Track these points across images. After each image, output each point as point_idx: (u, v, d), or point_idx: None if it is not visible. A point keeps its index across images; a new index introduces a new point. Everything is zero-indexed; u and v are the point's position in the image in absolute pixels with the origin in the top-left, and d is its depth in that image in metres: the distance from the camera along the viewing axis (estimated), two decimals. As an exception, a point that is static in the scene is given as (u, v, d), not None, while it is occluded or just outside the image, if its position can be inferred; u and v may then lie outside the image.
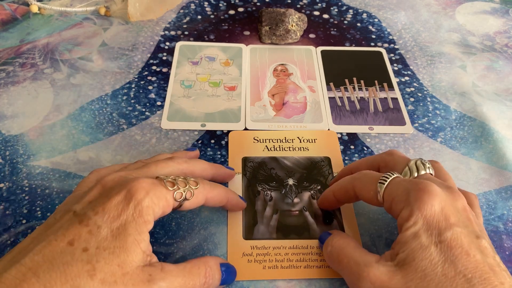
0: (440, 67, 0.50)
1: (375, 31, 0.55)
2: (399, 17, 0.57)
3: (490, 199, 0.38)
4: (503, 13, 0.59)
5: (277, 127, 0.43)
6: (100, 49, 0.50)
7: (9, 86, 0.46)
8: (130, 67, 0.48)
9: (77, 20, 0.54)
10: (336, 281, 0.32)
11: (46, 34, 0.52)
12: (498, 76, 0.50)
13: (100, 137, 0.41)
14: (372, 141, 0.42)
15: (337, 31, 0.55)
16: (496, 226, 0.36)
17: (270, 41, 0.52)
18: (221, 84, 0.47)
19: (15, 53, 0.49)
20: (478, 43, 0.54)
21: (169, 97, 0.45)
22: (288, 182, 0.38)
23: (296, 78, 0.48)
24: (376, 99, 0.46)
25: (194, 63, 0.49)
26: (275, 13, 0.52)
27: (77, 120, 0.43)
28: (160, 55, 0.50)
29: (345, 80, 0.48)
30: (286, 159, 0.40)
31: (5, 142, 0.40)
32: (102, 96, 0.45)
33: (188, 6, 0.57)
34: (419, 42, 0.54)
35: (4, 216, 0.35)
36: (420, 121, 0.44)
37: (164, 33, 0.53)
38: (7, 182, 0.37)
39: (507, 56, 0.52)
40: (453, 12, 0.59)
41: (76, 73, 0.47)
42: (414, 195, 0.27)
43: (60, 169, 0.38)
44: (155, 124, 0.43)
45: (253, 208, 0.36)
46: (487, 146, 0.42)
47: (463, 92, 0.48)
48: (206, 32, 0.54)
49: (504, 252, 0.35)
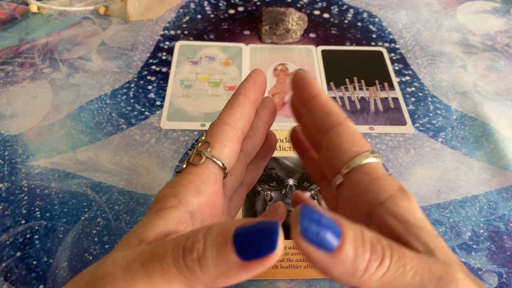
0: (441, 66, 0.50)
1: (375, 31, 0.55)
2: (400, 16, 0.57)
3: (491, 199, 0.38)
4: (504, 13, 0.58)
5: (277, 127, 0.43)
6: (100, 49, 0.50)
7: (8, 86, 0.45)
8: (130, 66, 0.48)
9: (76, 20, 0.54)
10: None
11: (45, 33, 0.52)
12: (499, 76, 0.49)
13: (100, 137, 0.41)
14: (373, 141, 0.42)
15: (338, 30, 0.55)
16: (497, 226, 0.36)
17: (270, 40, 0.52)
18: (221, 84, 0.47)
19: (14, 52, 0.49)
20: (479, 42, 0.54)
21: (169, 97, 0.45)
22: (288, 182, 0.38)
23: (296, 77, 0.48)
24: (376, 99, 0.46)
25: (194, 63, 0.49)
26: (275, 13, 0.52)
27: (76, 120, 0.43)
28: (160, 55, 0.50)
29: (345, 79, 0.48)
30: (287, 159, 0.40)
31: (4, 142, 0.40)
32: (102, 96, 0.45)
33: (188, 6, 0.57)
34: (420, 41, 0.53)
35: (3, 216, 0.35)
36: (421, 121, 0.44)
37: (163, 33, 0.53)
38: (6, 182, 0.37)
39: (508, 55, 0.52)
40: (454, 11, 0.58)
41: (75, 72, 0.47)
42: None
43: (59, 169, 0.38)
44: (155, 124, 0.42)
45: (253, 208, 0.36)
46: (488, 146, 0.42)
47: (464, 92, 0.47)
48: (206, 32, 0.53)
49: (505, 252, 0.34)
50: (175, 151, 0.40)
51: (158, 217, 0.21)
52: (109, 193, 0.37)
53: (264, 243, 0.16)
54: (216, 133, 0.24)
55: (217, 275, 0.17)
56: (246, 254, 0.16)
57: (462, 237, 0.35)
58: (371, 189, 0.21)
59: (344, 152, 0.22)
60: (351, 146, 0.22)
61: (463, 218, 0.37)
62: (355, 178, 0.22)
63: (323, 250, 0.16)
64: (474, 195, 0.38)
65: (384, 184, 0.21)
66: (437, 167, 0.40)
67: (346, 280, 0.17)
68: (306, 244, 0.16)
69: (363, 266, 0.17)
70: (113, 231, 0.35)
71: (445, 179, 0.39)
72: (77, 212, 0.36)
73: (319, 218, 0.17)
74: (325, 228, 0.17)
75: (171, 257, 0.17)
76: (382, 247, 0.17)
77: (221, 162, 0.24)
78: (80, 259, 0.33)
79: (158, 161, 0.39)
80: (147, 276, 0.17)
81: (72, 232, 0.34)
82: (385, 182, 0.21)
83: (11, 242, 0.34)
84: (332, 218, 0.17)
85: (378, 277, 0.17)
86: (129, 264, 0.18)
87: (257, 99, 0.26)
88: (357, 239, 0.17)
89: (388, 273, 0.17)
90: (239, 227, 0.17)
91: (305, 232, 0.16)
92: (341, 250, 0.17)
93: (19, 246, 0.33)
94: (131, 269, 0.17)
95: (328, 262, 0.17)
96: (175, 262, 0.17)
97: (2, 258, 0.33)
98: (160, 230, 0.20)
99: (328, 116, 0.23)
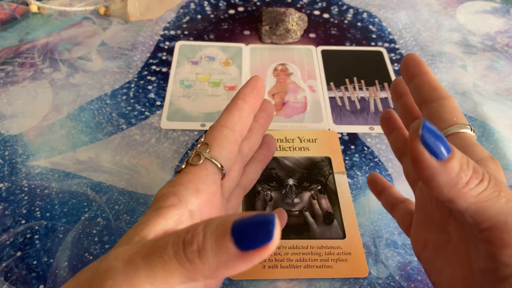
0: (440, 66, 0.50)
1: (375, 31, 0.55)
2: (400, 16, 0.57)
3: (491, 199, 0.38)
4: (504, 13, 0.58)
5: (277, 127, 0.43)
6: (100, 49, 0.50)
7: (8, 86, 0.45)
8: (130, 66, 0.48)
9: (77, 20, 0.54)
10: (337, 281, 0.32)
11: (45, 33, 0.52)
12: (499, 76, 0.50)
13: (100, 137, 0.41)
14: (373, 141, 0.42)
15: (338, 30, 0.55)
16: (497, 226, 0.36)
17: (270, 40, 0.52)
18: (221, 84, 0.47)
19: (14, 52, 0.49)
20: (479, 42, 0.54)
21: (169, 97, 0.45)
22: (288, 182, 0.38)
23: (296, 78, 0.48)
24: (376, 99, 0.46)
25: (194, 63, 0.49)
26: (275, 13, 0.52)
27: (77, 120, 0.43)
28: (160, 55, 0.50)
29: (345, 79, 0.48)
30: (287, 159, 0.40)
31: (4, 142, 0.40)
32: (102, 96, 0.45)
33: (188, 6, 0.57)
34: (420, 41, 0.53)
35: (3, 216, 0.35)
36: (420, 121, 0.44)
37: (163, 33, 0.53)
38: (6, 182, 0.37)
39: (508, 55, 0.52)
40: (453, 11, 0.58)
41: (75, 72, 0.47)
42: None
43: (60, 169, 0.38)
44: (155, 124, 0.42)
45: (252, 208, 0.36)
46: (488, 146, 0.42)
47: (464, 92, 0.47)
48: (206, 32, 0.53)
49: (505, 252, 0.34)
50: (175, 151, 0.40)
51: (158, 215, 0.21)
52: (109, 193, 0.37)
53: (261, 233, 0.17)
54: (215, 135, 0.25)
55: (216, 266, 0.17)
56: (244, 245, 0.17)
57: (462, 237, 0.35)
58: (464, 151, 0.23)
59: (445, 121, 0.24)
60: (452, 117, 0.24)
61: (463, 218, 0.37)
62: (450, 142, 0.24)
63: (435, 157, 0.19)
64: (474, 195, 0.38)
65: (477, 149, 0.23)
66: (437, 167, 0.40)
67: (447, 190, 0.19)
68: (423, 148, 0.19)
69: (465, 179, 0.19)
70: (113, 231, 0.35)
71: (445, 179, 0.39)
72: (77, 212, 0.36)
73: (436, 132, 0.19)
74: (440, 140, 0.19)
75: (172, 249, 0.18)
76: (483, 172, 0.20)
77: (219, 163, 0.24)
78: (80, 259, 0.33)
79: (158, 161, 0.39)
80: (148, 269, 0.17)
81: (72, 232, 0.34)
82: (478, 148, 0.23)
83: (11, 242, 0.34)
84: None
85: (475, 193, 0.19)
86: (131, 258, 0.18)
87: (255, 105, 0.27)
88: (463, 158, 0.19)
89: (485, 193, 0.19)
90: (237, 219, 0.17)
91: (424, 138, 0.18)
92: (450, 160, 0.19)
93: (19, 246, 0.33)
94: (133, 262, 0.18)
95: (437, 168, 0.19)
96: (176, 254, 0.17)
97: (2, 258, 0.33)
98: (160, 228, 0.21)
99: (435, 90, 0.25)
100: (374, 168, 0.40)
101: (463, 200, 0.19)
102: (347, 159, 0.40)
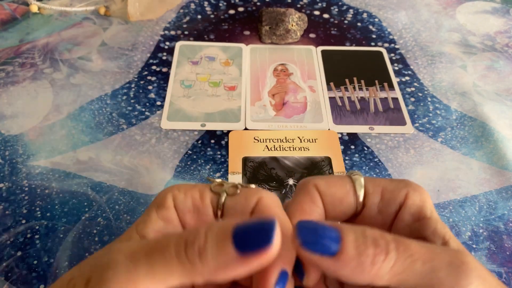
0: (440, 67, 0.50)
1: (375, 31, 0.55)
2: (400, 16, 0.57)
3: (491, 199, 0.38)
4: (503, 13, 0.59)
5: (277, 127, 0.43)
6: (100, 49, 0.50)
7: (8, 86, 0.45)
8: (130, 67, 0.48)
9: (77, 20, 0.54)
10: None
11: (46, 34, 0.52)
12: (498, 76, 0.50)
13: (100, 137, 0.41)
14: (373, 141, 0.42)
15: (338, 30, 0.55)
16: (497, 226, 0.36)
17: (270, 40, 0.52)
18: (221, 84, 0.47)
19: (15, 53, 0.49)
20: (479, 43, 0.54)
21: (169, 97, 0.45)
22: (289, 182, 0.38)
23: (296, 78, 0.48)
24: (376, 99, 0.46)
25: (194, 63, 0.49)
26: (275, 13, 0.52)
27: (77, 120, 0.43)
28: (160, 55, 0.50)
29: (345, 80, 0.48)
30: (287, 159, 0.40)
31: (5, 142, 0.40)
32: (102, 96, 0.45)
33: (188, 6, 0.57)
34: (420, 42, 0.54)
35: (3, 216, 0.35)
36: (420, 121, 0.44)
37: (164, 33, 0.53)
38: (7, 182, 0.37)
39: (507, 56, 0.52)
40: (453, 11, 0.59)
41: (75, 73, 0.47)
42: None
43: (60, 169, 0.38)
44: (155, 124, 0.43)
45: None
46: (488, 146, 0.42)
47: (464, 92, 0.47)
48: (206, 32, 0.53)
49: (504, 252, 0.35)
50: (175, 151, 0.40)
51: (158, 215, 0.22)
52: (109, 193, 0.37)
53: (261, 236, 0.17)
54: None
55: (216, 267, 0.17)
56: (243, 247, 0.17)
57: (462, 237, 0.36)
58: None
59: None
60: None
61: (462, 218, 0.37)
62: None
63: (326, 255, 0.18)
64: (473, 195, 0.38)
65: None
66: (437, 167, 0.40)
67: (359, 279, 0.18)
68: (310, 253, 0.18)
69: (369, 260, 0.17)
70: (113, 231, 0.35)
71: (445, 179, 0.39)
72: (77, 212, 0.36)
73: (315, 228, 0.18)
74: (322, 235, 0.18)
75: (173, 249, 0.18)
76: (386, 242, 0.18)
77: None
78: (80, 259, 0.33)
79: (158, 161, 0.39)
80: (149, 265, 0.18)
81: (72, 232, 0.34)
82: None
83: (12, 241, 0.34)
84: (329, 225, 0.18)
85: (387, 270, 0.18)
86: (133, 253, 0.18)
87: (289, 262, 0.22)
88: (358, 238, 0.18)
89: (396, 265, 0.18)
90: (239, 223, 0.18)
91: (305, 244, 0.18)
92: (343, 251, 0.17)
93: (20, 246, 0.33)
94: (135, 257, 0.18)
95: (334, 265, 0.18)
96: (177, 254, 0.18)
97: (3, 258, 0.33)
98: (159, 229, 0.21)
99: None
100: (374, 168, 0.40)
101: (379, 279, 0.18)
102: (347, 159, 0.40)
